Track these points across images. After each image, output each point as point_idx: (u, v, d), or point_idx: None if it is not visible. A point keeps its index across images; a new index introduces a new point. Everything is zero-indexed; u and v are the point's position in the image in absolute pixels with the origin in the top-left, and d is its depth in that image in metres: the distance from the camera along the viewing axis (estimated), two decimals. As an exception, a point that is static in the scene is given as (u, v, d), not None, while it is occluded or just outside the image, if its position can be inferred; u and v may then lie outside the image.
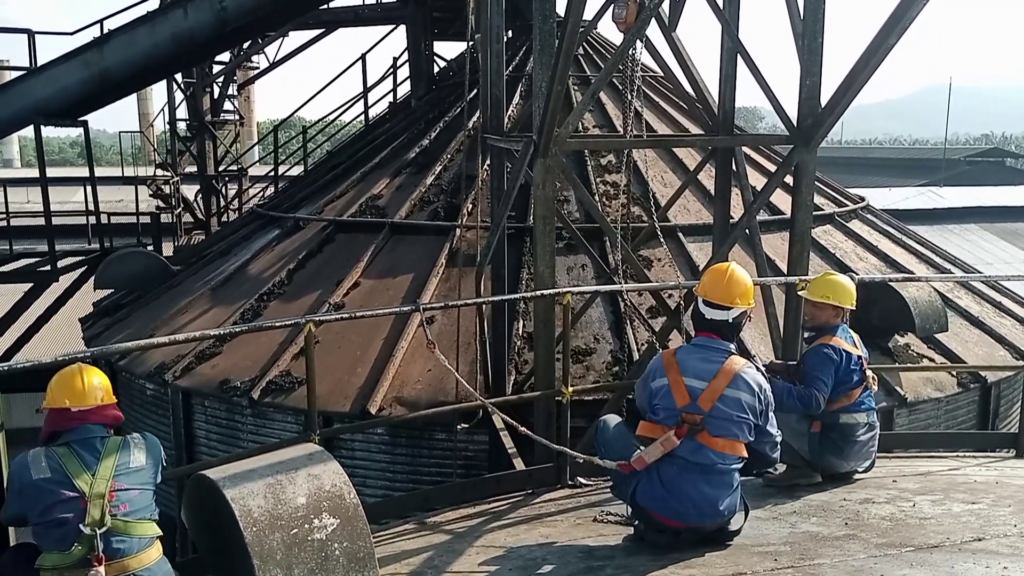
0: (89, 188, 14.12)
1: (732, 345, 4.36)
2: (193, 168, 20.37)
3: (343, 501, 3.65)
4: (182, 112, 19.71)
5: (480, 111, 8.24)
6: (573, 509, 5.21)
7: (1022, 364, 9.30)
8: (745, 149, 9.30)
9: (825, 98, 6.52)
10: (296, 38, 19.84)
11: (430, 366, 8.16)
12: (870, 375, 5.25)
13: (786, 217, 8.48)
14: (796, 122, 6.69)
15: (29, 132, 12.38)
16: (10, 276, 13.80)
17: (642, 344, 8.28)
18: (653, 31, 7.35)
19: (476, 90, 8.33)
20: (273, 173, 20.34)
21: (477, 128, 8.64)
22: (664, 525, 4.29)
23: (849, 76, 6.29)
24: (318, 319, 4.97)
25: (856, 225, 11.56)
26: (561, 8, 6.36)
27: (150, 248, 14.96)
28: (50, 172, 13.98)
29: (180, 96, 19.27)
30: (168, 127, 19.82)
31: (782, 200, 10.16)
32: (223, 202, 20.55)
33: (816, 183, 8.53)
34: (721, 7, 6.96)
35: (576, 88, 11.23)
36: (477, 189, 8.81)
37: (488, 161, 8.34)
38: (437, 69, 14.84)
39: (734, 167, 7.48)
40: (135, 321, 11.02)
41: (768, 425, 4.32)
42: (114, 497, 3.63)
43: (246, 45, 18.94)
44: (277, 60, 20.49)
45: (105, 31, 12.01)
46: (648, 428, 4.26)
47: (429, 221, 10.10)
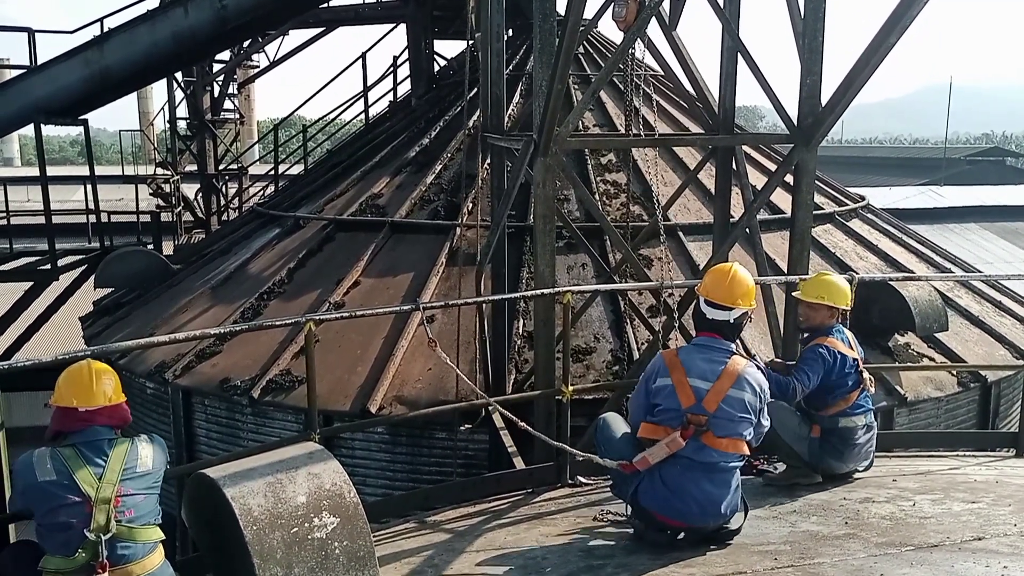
0: (89, 187, 14.12)
1: (733, 345, 4.36)
2: (193, 167, 20.36)
3: (343, 500, 3.65)
4: (182, 111, 19.75)
5: (480, 110, 8.24)
6: (573, 508, 5.21)
7: (1022, 363, 9.29)
8: (745, 148, 9.31)
9: (825, 97, 6.52)
10: (296, 37, 19.87)
11: (430, 365, 8.16)
12: (867, 377, 5.22)
13: (786, 216, 8.48)
14: (796, 121, 6.69)
15: (29, 131, 12.38)
16: (10, 275, 13.79)
17: (642, 343, 8.27)
18: (653, 30, 7.35)
19: (476, 89, 8.32)
20: (273, 172, 20.32)
21: (477, 127, 8.64)
22: (666, 525, 4.29)
23: (849, 75, 6.29)
24: (318, 318, 4.98)
25: (856, 224, 11.56)
26: (561, 7, 6.36)
27: (150, 247, 14.96)
28: (50, 171, 13.98)
29: (180, 95, 19.28)
30: (168, 126, 19.81)
31: (782, 199, 10.16)
32: (223, 201, 20.55)
33: (816, 182, 8.53)
34: (721, 6, 6.95)
35: (576, 87, 11.23)
36: (477, 188, 8.81)
37: (488, 160, 8.34)
38: (437, 68, 14.84)
39: (734, 166, 7.48)
40: (135, 320, 11.02)
41: (762, 418, 4.34)
42: (119, 503, 3.58)
43: (246, 44, 18.94)
44: (277, 59, 20.49)
45: (105, 29, 12.04)
46: (650, 430, 4.24)
47: (429, 220, 10.10)
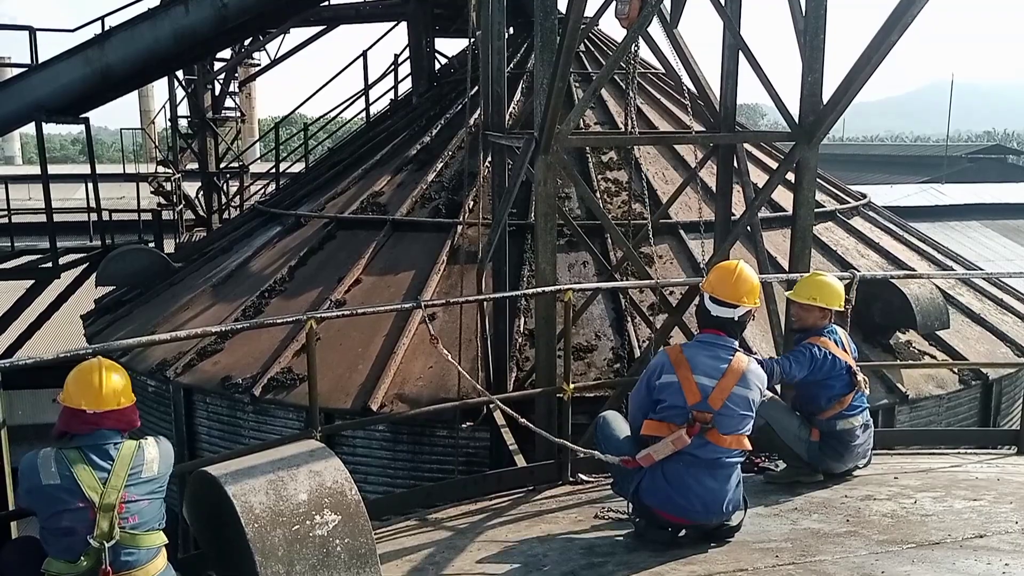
0: (90, 185, 14.13)
1: (736, 342, 4.36)
2: (194, 165, 20.36)
3: (344, 498, 3.66)
4: (183, 109, 19.74)
5: (481, 108, 8.23)
6: (574, 505, 5.21)
7: (1023, 361, 9.29)
8: (747, 146, 9.29)
9: (827, 95, 6.50)
10: (297, 35, 19.95)
11: (431, 363, 8.17)
12: (861, 379, 5.18)
13: (788, 214, 8.46)
14: (798, 119, 6.68)
15: (30, 129, 12.38)
16: (12, 273, 13.80)
17: (643, 341, 8.28)
18: (655, 28, 7.34)
19: (477, 87, 8.32)
20: (274, 170, 20.31)
21: (478, 125, 8.64)
22: (668, 522, 4.29)
23: (851, 73, 6.27)
24: (319, 316, 4.99)
25: (858, 222, 11.56)
26: (562, 5, 6.35)
27: (151, 245, 14.99)
28: (51, 169, 14.02)
29: (181, 93, 19.29)
30: (169, 124, 19.83)
31: (784, 197, 10.14)
32: (224, 199, 20.54)
33: (818, 180, 8.51)
34: (723, 4, 6.94)
35: (577, 85, 11.22)
36: (478, 186, 8.81)
37: (489, 158, 8.33)
38: (438, 66, 14.82)
39: (736, 164, 7.48)
40: (136, 318, 11.03)
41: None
42: (124, 509, 3.53)
43: (247, 42, 18.92)
44: (278, 57, 20.47)
45: (106, 28, 12.03)
46: (654, 427, 4.22)
47: (430, 218, 10.10)
